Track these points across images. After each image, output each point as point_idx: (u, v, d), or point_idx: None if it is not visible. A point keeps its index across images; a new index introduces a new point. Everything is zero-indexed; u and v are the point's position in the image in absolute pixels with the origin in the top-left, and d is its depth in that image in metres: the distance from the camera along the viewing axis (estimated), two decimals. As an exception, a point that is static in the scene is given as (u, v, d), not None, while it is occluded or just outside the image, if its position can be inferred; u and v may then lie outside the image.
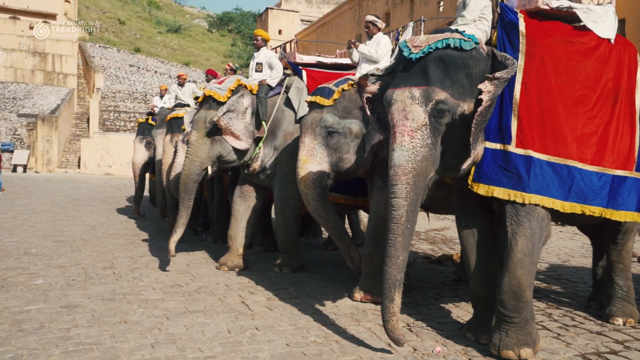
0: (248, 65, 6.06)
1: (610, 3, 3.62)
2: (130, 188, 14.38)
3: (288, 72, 5.83)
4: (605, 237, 4.06)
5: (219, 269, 5.52)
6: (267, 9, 36.66)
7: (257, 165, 5.44)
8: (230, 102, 5.12)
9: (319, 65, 6.10)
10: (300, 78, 5.60)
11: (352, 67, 5.79)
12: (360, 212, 7.39)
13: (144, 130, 9.38)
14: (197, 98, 6.56)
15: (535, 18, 3.35)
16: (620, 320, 3.92)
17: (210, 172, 5.23)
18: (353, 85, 4.59)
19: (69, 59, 28.59)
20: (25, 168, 21.89)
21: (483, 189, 3.24)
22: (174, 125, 7.17)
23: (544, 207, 3.23)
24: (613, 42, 3.56)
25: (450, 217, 9.50)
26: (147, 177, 10.51)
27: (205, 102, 5.27)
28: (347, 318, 4.01)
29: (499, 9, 3.27)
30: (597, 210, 3.39)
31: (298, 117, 5.35)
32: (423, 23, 6.17)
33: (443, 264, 6.17)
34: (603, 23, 3.46)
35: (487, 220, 3.55)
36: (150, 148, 9.05)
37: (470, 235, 3.52)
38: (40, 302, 4.20)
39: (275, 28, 34.61)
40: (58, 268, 5.37)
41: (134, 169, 9.49)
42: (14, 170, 21.60)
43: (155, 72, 32.41)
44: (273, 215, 6.24)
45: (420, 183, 3.01)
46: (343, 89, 4.57)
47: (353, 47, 5.00)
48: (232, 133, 5.13)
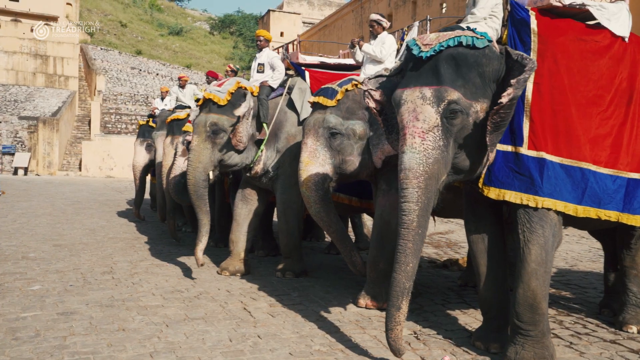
0: (250, 68, 5.94)
1: (624, 0, 3.50)
2: (131, 191, 14.27)
3: (291, 72, 5.73)
4: (618, 242, 3.93)
5: (220, 274, 5.40)
6: (268, 11, 36.61)
7: (259, 168, 5.33)
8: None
9: (322, 66, 5.98)
10: (303, 79, 5.49)
11: (355, 67, 5.69)
12: (364, 215, 7.27)
13: (145, 133, 9.28)
14: (198, 100, 6.46)
15: (547, 15, 3.24)
16: (635, 328, 3.79)
17: (212, 176, 5.13)
18: (357, 86, 4.49)
19: (71, 62, 28.52)
20: (27, 171, 21.80)
21: (494, 193, 3.13)
22: (175, 127, 7.07)
23: (557, 211, 3.12)
24: (627, 40, 3.44)
25: (455, 220, 9.40)
26: (148, 179, 10.41)
27: (205, 105, 5.16)
28: (352, 325, 3.89)
29: (510, 7, 3.15)
30: (613, 215, 3.27)
31: (301, 118, 5.25)
32: (429, 22, 6.05)
33: (449, 269, 6.05)
34: (617, 20, 3.34)
35: (497, 225, 3.43)
36: (151, 150, 8.96)
37: (480, 240, 3.40)
38: (37, 308, 4.10)
39: (277, 30, 34.53)
40: (56, 273, 5.27)
41: (135, 172, 9.39)
42: (15, 173, 21.51)
43: (157, 74, 32.35)
44: (274, 218, 6.13)
45: (432, 187, 2.89)
46: (347, 90, 4.46)
47: (357, 46, 4.89)
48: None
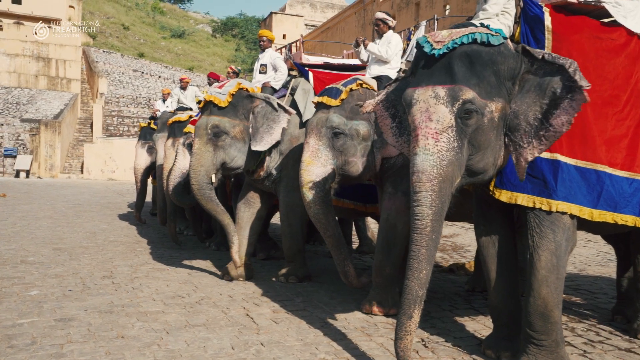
0: (252, 70, 5.83)
1: (640, -3, 3.39)
2: (133, 194, 14.18)
3: (294, 73, 5.62)
4: (633, 246, 3.81)
5: (222, 279, 5.30)
6: (271, 14, 36.58)
7: (261, 171, 5.22)
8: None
9: (326, 66, 5.86)
10: (307, 79, 5.37)
11: (360, 68, 5.58)
12: (367, 218, 7.16)
13: (146, 135, 9.19)
14: (199, 102, 6.36)
15: (562, 12, 3.12)
16: (650, 336, 3.67)
17: (215, 180, 5.01)
18: (362, 86, 4.38)
19: (73, 64, 28.52)
20: (28, 173, 21.76)
21: (505, 196, 3.01)
22: (176, 130, 6.96)
23: (571, 215, 3.00)
24: None
25: (460, 223, 9.28)
26: (149, 182, 10.31)
27: (206, 107, 5.06)
28: (357, 332, 3.78)
29: (522, 3, 3.04)
30: (629, 219, 3.16)
31: (304, 120, 5.14)
32: (436, 22, 5.94)
33: (455, 273, 5.93)
34: (633, 18, 3.23)
35: (508, 229, 3.32)
36: (153, 153, 8.86)
37: (491, 245, 3.29)
38: (34, 314, 3.99)
39: (280, 33, 34.47)
40: (55, 278, 5.16)
41: (136, 174, 9.29)
42: (17, 176, 21.48)
43: (159, 77, 32.34)
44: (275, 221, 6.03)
45: (446, 190, 2.77)
46: (351, 89, 4.35)
47: (362, 45, 4.78)
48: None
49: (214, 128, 4.89)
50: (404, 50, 5.05)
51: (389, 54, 4.65)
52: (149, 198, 10.41)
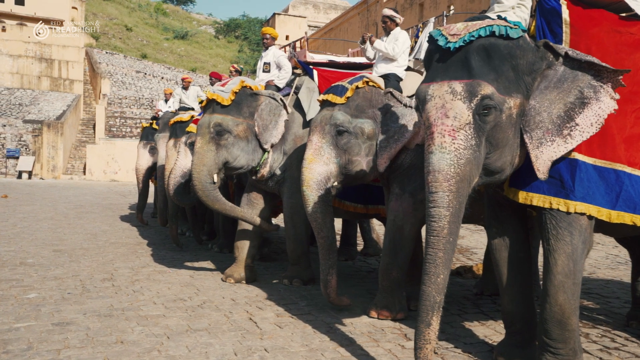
0: (255, 72, 5.72)
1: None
2: (135, 195, 14.08)
3: (298, 71, 5.50)
4: (650, 249, 3.69)
5: (225, 281, 5.18)
6: (274, 15, 36.49)
7: (265, 171, 5.10)
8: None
9: (331, 65, 5.74)
10: (311, 78, 5.25)
11: (366, 66, 5.46)
12: (372, 220, 7.04)
13: (148, 135, 9.09)
14: (202, 102, 6.25)
15: (579, 5, 3.00)
16: (668, 343, 3.54)
17: (217, 180, 4.88)
18: (368, 83, 4.26)
19: (76, 65, 28.48)
20: (31, 174, 21.68)
21: (520, 196, 2.88)
22: (178, 130, 6.86)
23: (589, 217, 2.88)
24: None
25: (465, 225, 9.14)
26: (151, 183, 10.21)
27: (209, 106, 4.94)
28: (364, 338, 3.66)
29: (538, -5, 2.93)
30: None
31: (308, 118, 5.02)
32: (445, 19, 5.82)
33: (462, 276, 5.80)
34: (653, 12, 3.11)
35: (521, 231, 3.19)
36: (155, 153, 8.75)
37: (504, 248, 3.16)
38: (31, 318, 3.88)
39: (283, 34, 34.36)
40: (54, 280, 5.06)
41: (138, 175, 9.19)
42: (19, 177, 21.41)
43: (162, 78, 32.28)
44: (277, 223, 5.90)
45: (464, 190, 2.64)
46: (357, 87, 4.23)
47: (368, 42, 4.65)
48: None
49: (217, 126, 4.77)
50: (412, 48, 4.91)
51: (396, 52, 4.53)
52: (152, 199, 10.32)
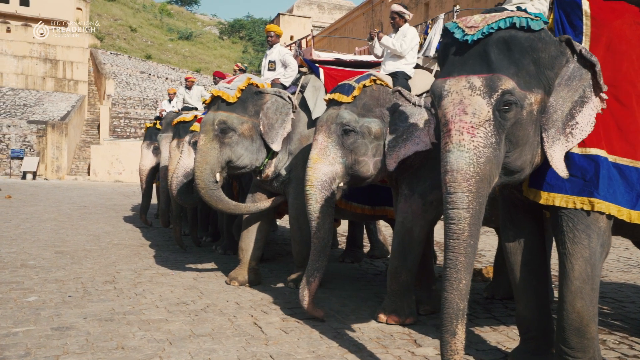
0: (259, 72, 5.59)
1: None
2: (139, 196, 14.02)
3: (304, 70, 5.39)
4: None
5: (229, 284, 5.07)
6: (278, 15, 36.39)
7: (270, 172, 4.99)
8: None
9: (338, 63, 5.61)
10: (318, 76, 5.13)
11: (373, 64, 5.34)
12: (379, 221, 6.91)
13: (152, 135, 9.00)
14: (205, 102, 6.16)
15: None
16: (689, 350, 3.41)
17: (219, 178, 4.77)
18: (376, 82, 4.13)
19: (80, 66, 28.48)
20: (35, 175, 21.66)
21: (542, 197, 2.76)
22: (181, 130, 6.76)
23: (608, 217, 2.75)
24: None
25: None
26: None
27: (214, 103, 4.82)
28: (373, 344, 3.54)
29: (556, -14, 2.80)
30: None
31: (314, 117, 4.90)
32: (456, 14, 5.68)
33: (472, 279, 5.66)
34: (676, 4, 2.98)
35: (538, 234, 3.07)
36: (158, 154, 8.66)
37: (519, 251, 3.04)
38: (30, 322, 3.78)
39: (287, 34, 34.25)
40: (55, 282, 4.96)
41: (141, 176, 9.10)
42: (24, 177, 21.39)
43: (166, 78, 32.24)
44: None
45: (484, 190, 2.51)
46: (364, 85, 4.10)
47: (375, 38, 4.53)
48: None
49: (221, 124, 4.66)
50: (421, 45, 4.79)
51: (404, 48, 4.41)
52: (155, 200, 10.22)
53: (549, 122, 2.64)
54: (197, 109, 7.87)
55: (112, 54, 33.23)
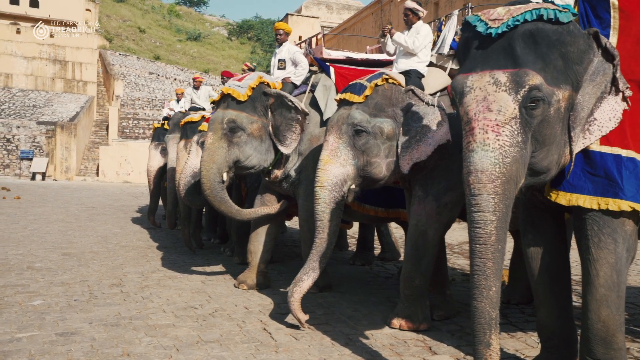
0: (268, 73, 5.47)
1: None
2: (147, 197, 13.97)
3: (314, 69, 5.27)
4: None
5: (238, 287, 4.97)
6: (286, 15, 36.30)
7: (279, 172, 4.88)
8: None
9: (349, 62, 5.49)
10: (328, 75, 5.02)
11: (385, 63, 5.21)
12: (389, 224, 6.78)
13: (160, 136, 8.92)
14: (213, 102, 6.06)
15: None
16: None
17: (226, 178, 4.66)
18: (388, 81, 4.01)
19: (89, 67, 28.57)
20: (44, 176, 21.71)
21: (564, 199, 2.62)
22: (188, 130, 6.67)
23: (636, 221, 2.61)
24: None
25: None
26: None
27: (223, 100, 4.71)
28: (386, 351, 3.42)
29: (581, -23, 2.66)
30: None
31: (325, 117, 4.79)
32: (470, 10, 5.54)
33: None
34: None
35: (559, 238, 2.93)
36: (166, 155, 8.58)
37: (540, 256, 2.90)
38: (35, 327, 3.69)
39: (296, 34, 34.12)
40: (61, 286, 4.87)
41: (149, 176, 9.03)
42: (33, 178, 21.43)
43: (175, 79, 32.30)
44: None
45: (511, 192, 2.37)
46: (376, 84, 3.98)
47: (388, 35, 4.40)
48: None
49: (230, 123, 4.55)
50: (434, 42, 4.66)
51: (416, 45, 4.28)
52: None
53: (577, 120, 2.51)
54: (204, 109, 7.78)
55: (120, 55, 33.35)
